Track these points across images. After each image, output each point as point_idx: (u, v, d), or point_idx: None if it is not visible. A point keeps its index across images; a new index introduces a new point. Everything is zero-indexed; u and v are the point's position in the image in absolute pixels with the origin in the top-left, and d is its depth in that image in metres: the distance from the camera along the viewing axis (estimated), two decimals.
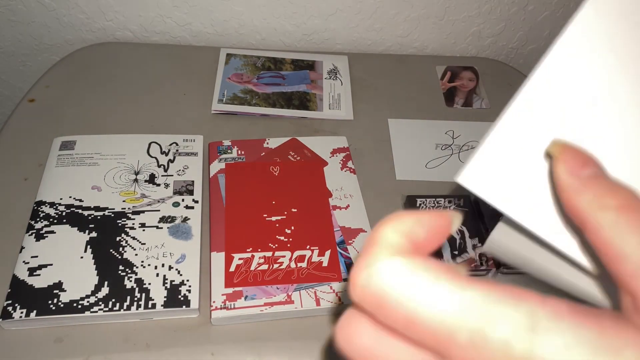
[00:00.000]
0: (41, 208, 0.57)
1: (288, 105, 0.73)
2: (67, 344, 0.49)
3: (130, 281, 0.52)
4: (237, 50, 0.81)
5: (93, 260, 0.53)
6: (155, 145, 0.65)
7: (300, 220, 0.58)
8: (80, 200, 0.58)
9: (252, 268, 0.54)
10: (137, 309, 0.50)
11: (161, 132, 0.68)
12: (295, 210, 0.59)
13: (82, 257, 0.53)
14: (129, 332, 0.50)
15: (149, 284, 0.52)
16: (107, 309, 0.50)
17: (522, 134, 0.21)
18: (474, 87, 0.80)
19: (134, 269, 0.53)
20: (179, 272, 0.53)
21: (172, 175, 0.61)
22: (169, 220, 0.57)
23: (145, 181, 0.61)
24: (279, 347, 0.50)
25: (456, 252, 0.57)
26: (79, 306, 0.50)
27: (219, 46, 0.83)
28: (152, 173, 0.61)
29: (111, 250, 0.54)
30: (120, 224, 0.56)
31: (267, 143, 0.67)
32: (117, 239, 0.55)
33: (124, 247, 0.54)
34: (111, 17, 0.81)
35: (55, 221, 0.56)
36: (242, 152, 0.65)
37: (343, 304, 0.52)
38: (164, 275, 0.52)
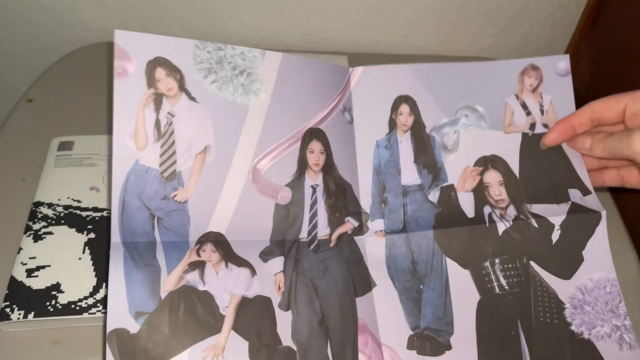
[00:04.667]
0: (39, 209, 0.57)
1: None
2: (65, 346, 0.48)
3: None
4: None
5: (91, 262, 0.53)
6: None
7: None
8: (79, 201, 0.58)
9: None
10: None
11: None
12: None
13: (80, 259, 0.53)
14: None
15: None
16: (105, 310, 0.49)
17: None
18: None
19: None
20: None
21: None
22: None
23: None
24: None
25: None
26: (77, 308, 0.49)
27: None
28: None
29: (110, 252, 0.54)
30: None
31: None
32: None
33: None
34: (111, 17, 0.81)
35: (53, 222, 0.55)
36: None
37: None
38: None
